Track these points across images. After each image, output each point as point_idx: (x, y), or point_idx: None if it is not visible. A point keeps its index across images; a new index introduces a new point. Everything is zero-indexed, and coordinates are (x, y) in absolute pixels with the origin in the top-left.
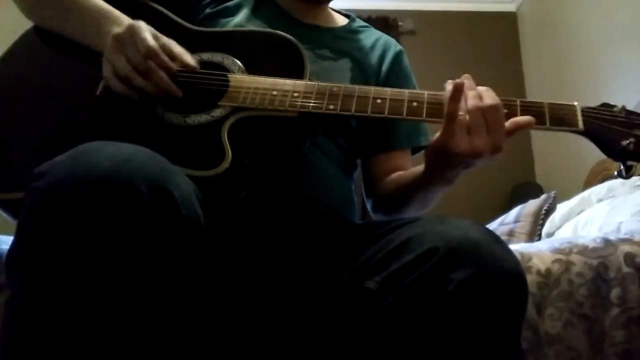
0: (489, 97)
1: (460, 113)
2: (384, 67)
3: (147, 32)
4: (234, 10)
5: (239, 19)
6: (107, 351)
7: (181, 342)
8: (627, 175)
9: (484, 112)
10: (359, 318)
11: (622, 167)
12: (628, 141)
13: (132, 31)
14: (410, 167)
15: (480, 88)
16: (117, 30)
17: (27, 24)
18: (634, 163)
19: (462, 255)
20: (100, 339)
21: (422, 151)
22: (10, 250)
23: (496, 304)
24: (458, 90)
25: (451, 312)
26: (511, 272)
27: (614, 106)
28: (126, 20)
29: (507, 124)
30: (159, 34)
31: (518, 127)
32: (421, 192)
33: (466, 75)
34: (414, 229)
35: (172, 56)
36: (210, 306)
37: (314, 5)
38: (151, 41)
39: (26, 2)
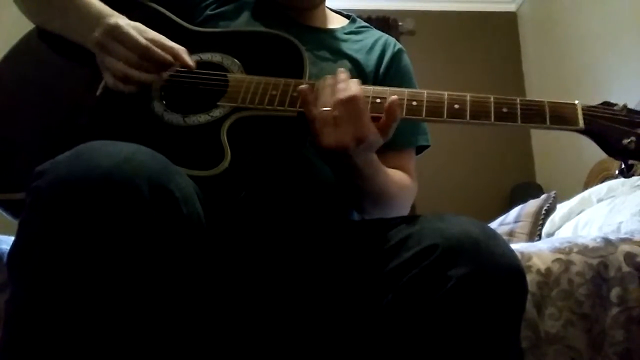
0: (350, 89)
1: (327, 108)
2: (382, 67)
3: (131, 29)
4: (234, 13)
5: (239, 21)
6: (107, 350)
7: (181, 341)
8: (629, 174)
9: (344, 105)
10: (358, 316)
11: (623, 165)
12: (629, 140)
13: (111, 31)
14: (411, 167)
15: (348, 81)
16: (95, 34)
17: (28, 25)
18: (635, 162)
19: (461, 252)
20: (101, 337)
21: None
22: (11, 249)
23: (495, 300)
24: (302, 93)
25: (450, 309)
26: (510, 268)
27: (615, 105)
28: (111, 18)
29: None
30: (146, 29)
31: (388, 113)
32: (356, 189)
33: (340, 69)
34: (412, 226)
35: (165, 50)
36: (211, 305)
37: (309, 8)
38: (139, 37)
39: (27, 3)
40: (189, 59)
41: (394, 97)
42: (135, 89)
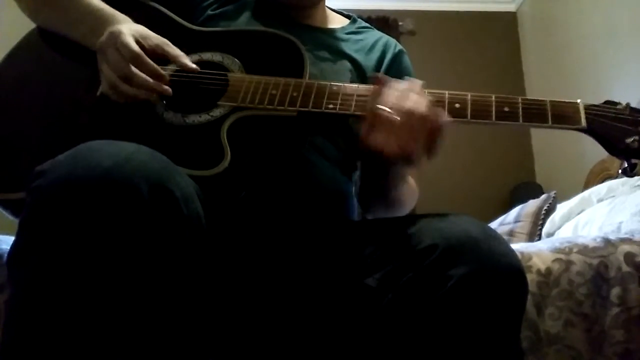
0: (423, 104)
1: (389, 110)
2: (383, 68)
3: (128, 36)
4: (235, 13)
5: (240, 21)
6: (107, 349)
7: (181, 341)
8: (632, 174)
9: (411, 116)
10: (359, 315)
11: (626, 165)
12: (632, 139)
13: (111, 37)
14: (414, 170)
15: (423, 95)
16: (100, 40)
17: (29, 25)
18: (638, 161)
19: (461, 252)
20: (100, 337)
21: None
22: (11, 249)
23: (496, 300)
24: (379, 82)
25: (451, 308)
26: (510, 267)
27: (617, 103)
28: (117, 22)
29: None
30: (148, 34)
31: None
32: (376, 189)
33: (417, 80)
34: (412, 226)
35: (166, 57)
36: (210, 305)
37: (308, 6)
38: (133, 46)
39: (28, 3)
40: (190, 64)
41: (449, 119)
42: (118, 98)
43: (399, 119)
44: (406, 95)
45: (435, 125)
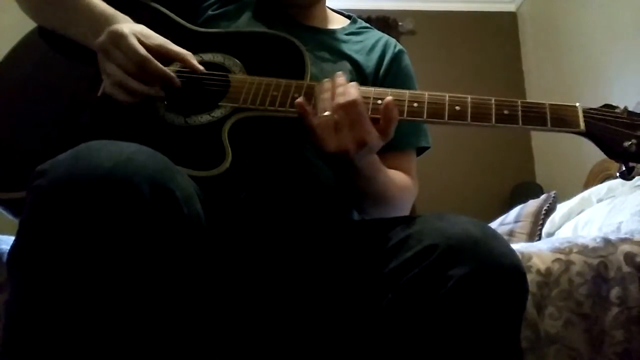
0: (349, 93)
1: (327, 113)
2: (382, 68)
3: (131, 37)
4: (235, 13)
5: (241, 22)
6: (107, 349)
7: (181, 341)
8: (629, 177)
9: (343, 109)
10: (359, 315)
11: (624, 168)
12: (630, 142)
13: (114, 38)
14: (412, 168)
15: (347, 85)
16: (99, 39)
17: (30, 25)
18: (636, 164)
19: (461, 252)
20: (101, 337)
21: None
22: (11, 248)
23: (496, 300)
24: (298, 107)
25: (451, 308)
26: (510, 267)
27: (616, 107)
28: (118, 22)
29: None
30: (151, 35)
31: (385, 115)
32: (357, 190)
33: (338, 73)
34: (412, 226)
35: (169, 56)
36: (211, 305)
37: (308, 5)
38: (138, 47)
39: (28, 2)
40: (196, 64)
41: (389, 98)
42: (131, 99)
43: (336, 116)
44: (333, 93)
45: (381, 108)
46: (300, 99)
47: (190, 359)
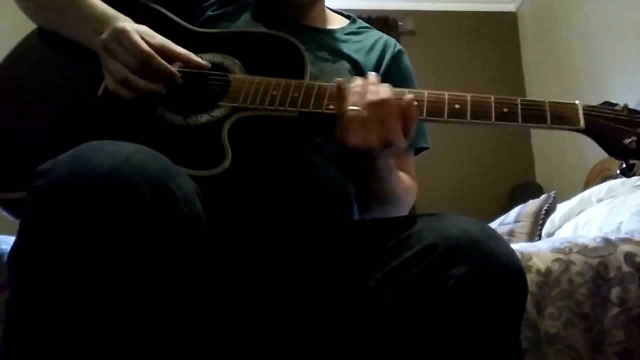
0: (382, 92)
1: (356, 108)
2: (382, 68)
3: (135, 34)
4: (235, 13)
5: (240, 22)
6: (107, 349)
7: (182, 341)
8: (630, 174)
9: (375, 107)
10: (359, 315)
11: (624, 165)
12: (630, 139)
13: (118, 35)
14: (412, 168)
15: (379, 84)
16: (102, 37)
17: (30, 26)
18: (636, 161)
19: (461, 251)
20: (101, 337)
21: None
22: (12, 249)
23: (496, 299)
24: (339, 89)
25: (450, 308)
26: (510, 267)
27: (616, 105)
28: (119, 21)
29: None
30: (153, 34)
31: (406, 114)
32: (366, 188)
33: (371, 73)
34: (412, 226)
35: (172, 57)
36: (211, 305)
37: (307, 5)
38: (142, 44)
39: (28, 3)
40: (201, 60)
41: (409, 96)
42: (133, 95)
43: (366, 113)
44: (365, 90)
45: (402, 105)
46: (339, 79)
47: (190, 358)
